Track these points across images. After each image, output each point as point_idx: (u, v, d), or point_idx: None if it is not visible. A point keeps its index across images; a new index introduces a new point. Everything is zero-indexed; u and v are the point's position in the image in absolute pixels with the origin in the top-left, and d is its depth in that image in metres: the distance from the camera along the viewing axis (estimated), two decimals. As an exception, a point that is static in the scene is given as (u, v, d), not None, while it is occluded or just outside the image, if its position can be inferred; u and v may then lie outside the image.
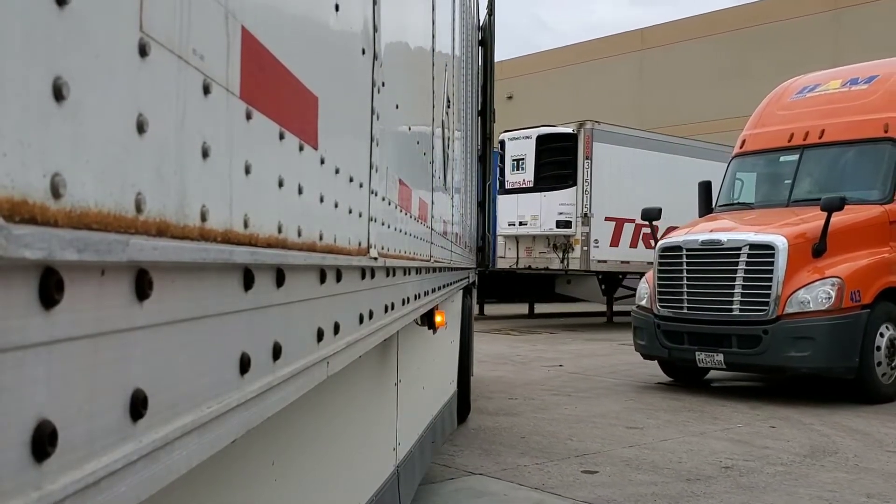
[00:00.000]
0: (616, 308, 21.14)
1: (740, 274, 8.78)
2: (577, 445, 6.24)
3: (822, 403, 8.39)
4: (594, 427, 6.99)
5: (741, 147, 11.09)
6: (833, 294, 8.37)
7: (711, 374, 10.09)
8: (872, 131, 9.63)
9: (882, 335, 8.59)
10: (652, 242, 10.36)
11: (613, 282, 20.45)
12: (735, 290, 8.78)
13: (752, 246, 8.76)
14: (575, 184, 18.25)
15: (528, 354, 12.89)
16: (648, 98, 33.74)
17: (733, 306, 8.79)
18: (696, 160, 19.61)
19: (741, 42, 32.25)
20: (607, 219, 18.44)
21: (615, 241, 18.68)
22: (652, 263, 10.12)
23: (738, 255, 8.84)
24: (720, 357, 8.83)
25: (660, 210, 10.27)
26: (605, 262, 18.55)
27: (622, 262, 18.79)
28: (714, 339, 8.91)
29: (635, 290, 21.08)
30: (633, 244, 18.92)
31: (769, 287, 8.56)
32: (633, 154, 18.80)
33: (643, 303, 9.93)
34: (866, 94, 10.05)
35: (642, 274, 20.09)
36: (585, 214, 18.15)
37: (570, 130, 18.53)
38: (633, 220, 18.61)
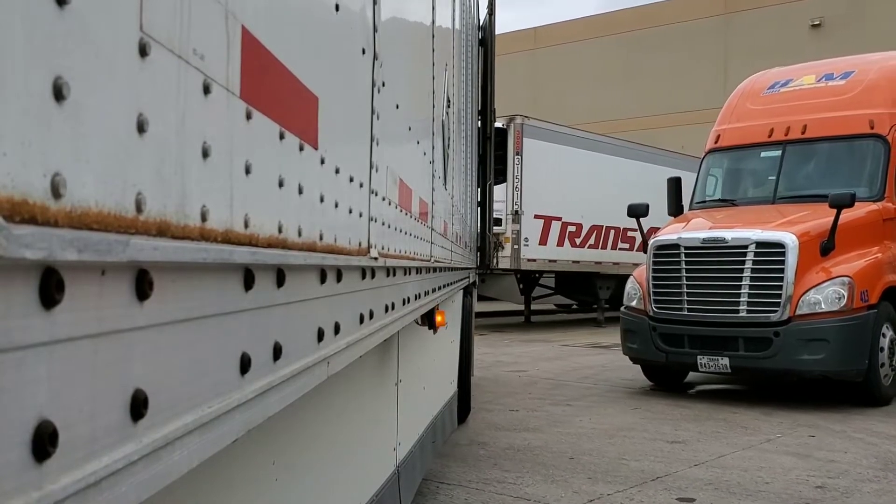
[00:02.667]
0: (533, 307, 21.18)
1: (747, 273, 8.41)
2: (639, 466, 5.85)
3: (827, 407, 8.23)
4: (632, 442, 6.63)
5: (716, 142, 10.63)
6: (845, 294, 8.11)
7: (688, 379, 9.76)
8: (857, 127, 9.40)
9: (884, 336, 8.43)
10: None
11: (531, 281, 20.30)
12: (742, 291, 8.41)
13: (760, 244, 8.42)
14: (505, 180, 17.91)
15: (483, 359, 12.47)
16: (542, 96, 33.86)
17: (740, 307, 8.42)
18: (623, 159, 19.68)
19: (633, 43, 32.89)
20: (536, 216, 18.11)
21: (543, 240, 18.38)
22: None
23: (744, 254, 8.46)
24: (725, 361, 8.44)
25: (647, 206, 9.81)
26: (534, 260, 18.26)
27: (550, 260, 18.54)
28: (719, 342, 8.51)
29: (552, 289, 21.15)
30: (560, 243, 18.72)
31: (780, 287, 8.23)
32: (561, 151, 18.51)
33: (634, 304, 9.41)
34: (845, 89, 9.80)
35: (560, 273, 20.11)
36: (516, 212, 17.69)
37: (499, 125, 18.38)
38: (559, 218, 18.52)
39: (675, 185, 10.78)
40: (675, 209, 10.63)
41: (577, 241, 19.13)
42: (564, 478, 5.55)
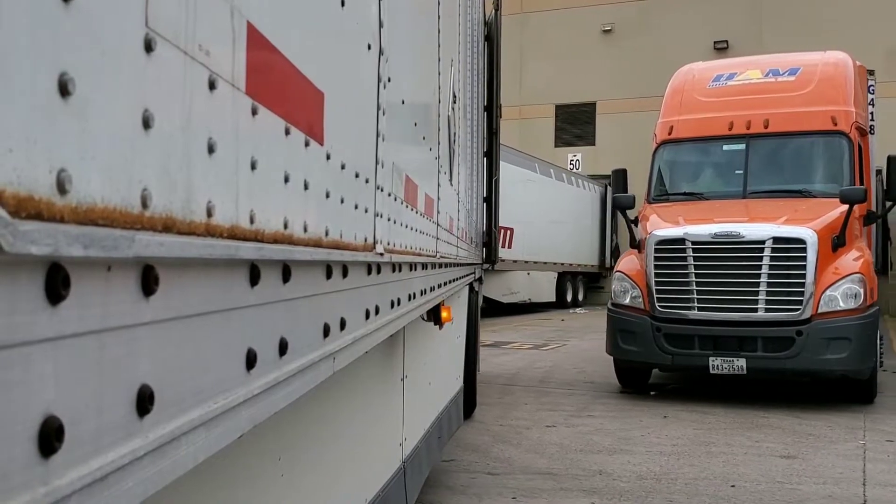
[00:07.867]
0: None
1: (765, 270, 8.06)
2: (815, 490, 5.31)
3: (829, 405, 8.12)
4: (747, 460, 6.08)
5: (669, 134, 10.04)
6: (862, 291, 7.99)
7: (651, 380, 9.35)
8: (820, 124, 9.21)
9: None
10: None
11: None
12: (760, 288, 8.07)
13: (778, 240, 8.09)
14: None
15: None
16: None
17: (758, 306, 8.07)
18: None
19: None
20: None
21: None
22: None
23: (761, 250, 8.11)
24: (741, 362, 8.04)
25: (633, 198, 9.45)
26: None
27: None
28: (734, 343, 8.13)
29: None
30: None
31: (801, 284, 7.96)
32: None
33: (627, 302, 8.82)
34: (798, 85, 9.58)
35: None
36: None
37: None
38: None
39: (622, 177, 10.20)
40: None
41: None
42: None
